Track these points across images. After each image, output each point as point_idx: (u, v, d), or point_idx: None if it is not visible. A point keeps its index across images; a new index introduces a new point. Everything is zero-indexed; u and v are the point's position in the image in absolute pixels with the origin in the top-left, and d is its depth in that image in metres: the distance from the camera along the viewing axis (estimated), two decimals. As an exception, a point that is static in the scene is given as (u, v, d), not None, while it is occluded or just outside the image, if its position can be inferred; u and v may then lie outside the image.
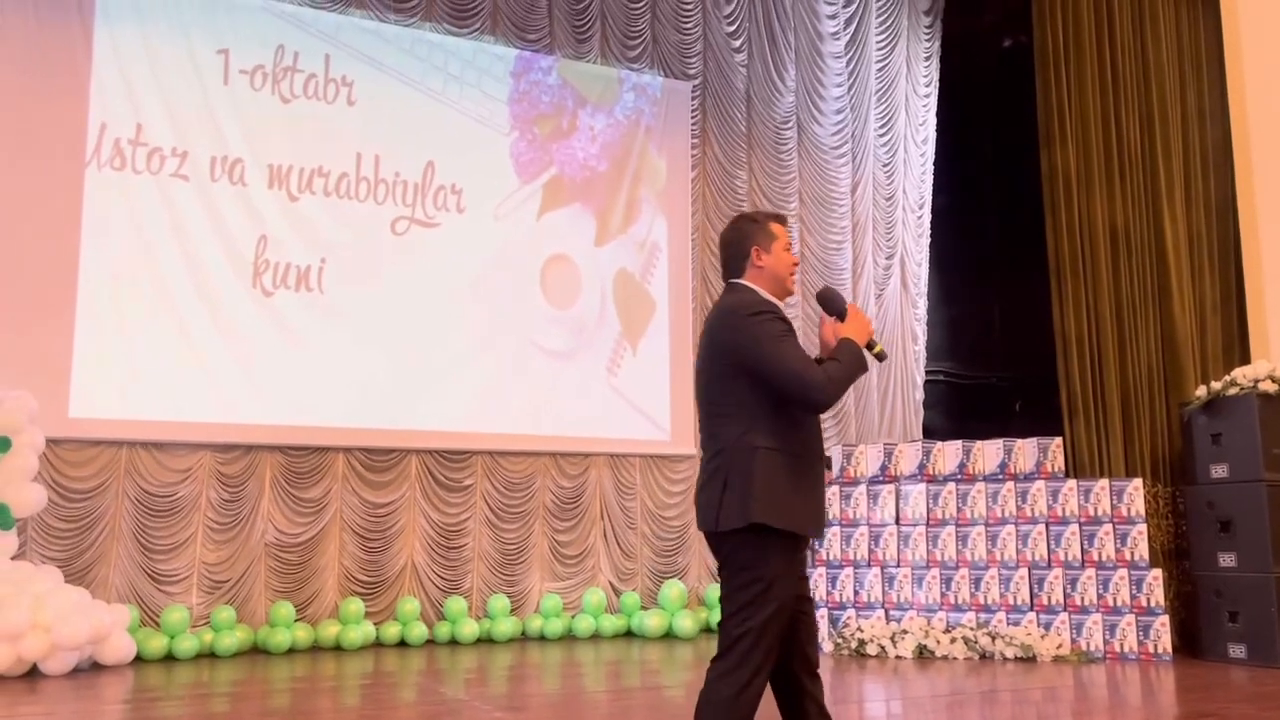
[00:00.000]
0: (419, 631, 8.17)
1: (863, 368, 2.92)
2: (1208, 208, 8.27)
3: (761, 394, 2.85)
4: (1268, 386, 6.69)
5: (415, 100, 9.07)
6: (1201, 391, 7.11)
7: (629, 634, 8.95)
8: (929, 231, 11.44)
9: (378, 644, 8.17)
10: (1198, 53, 8.48)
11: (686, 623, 8.74)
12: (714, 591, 9.41)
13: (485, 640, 8.46)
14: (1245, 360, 7.81)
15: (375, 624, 8.17)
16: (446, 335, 8.86)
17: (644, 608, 9.09)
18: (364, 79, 8.90)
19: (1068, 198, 8.04)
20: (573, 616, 8.85)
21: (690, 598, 9.29)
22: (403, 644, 8.22)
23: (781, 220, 3.10)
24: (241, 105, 8.46)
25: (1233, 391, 6.84)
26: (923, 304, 11.32)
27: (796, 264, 3.08)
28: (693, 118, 10.34)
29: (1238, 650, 6.57)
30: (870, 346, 3.05)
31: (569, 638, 8.73)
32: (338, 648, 7.93)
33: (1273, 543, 6.47)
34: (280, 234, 8.45)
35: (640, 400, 9.61)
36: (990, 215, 10.93)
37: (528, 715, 4.99)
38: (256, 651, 7.79)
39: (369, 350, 8.58)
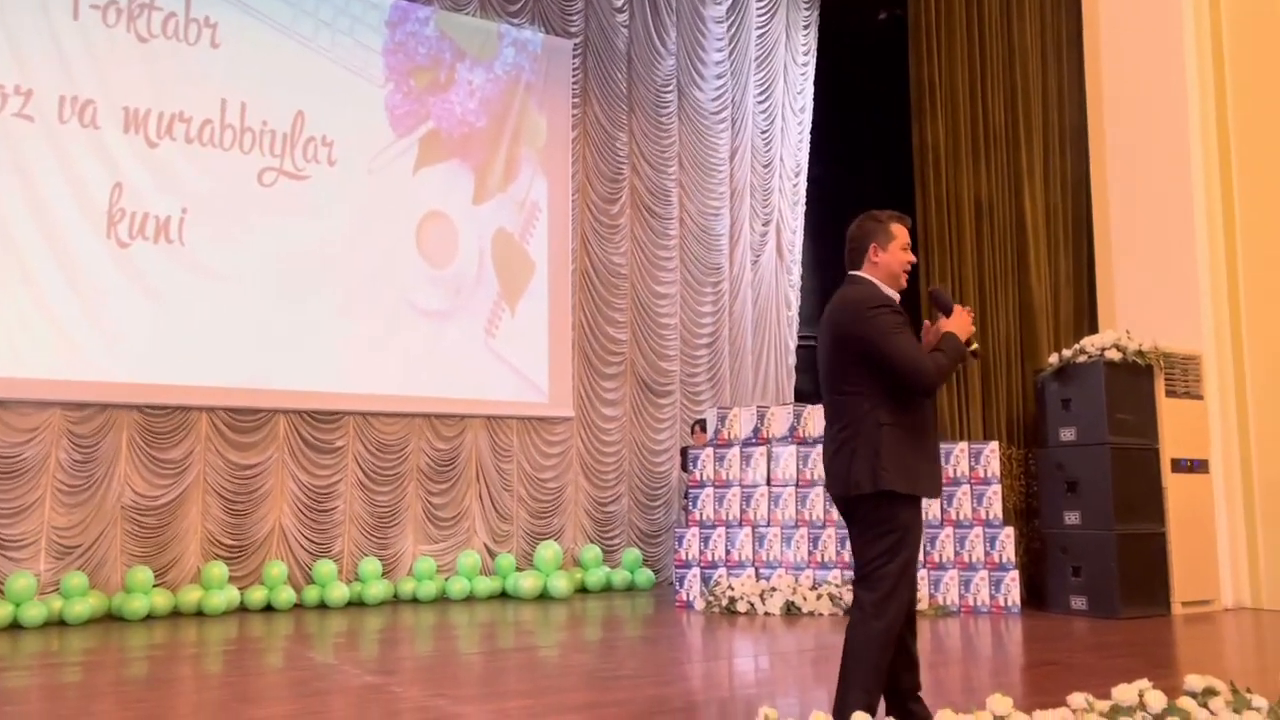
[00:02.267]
0: (286, 596, 7.98)
1: (961, 360, 3.32)
2: (1064, 185, 8.66)
3: (882, 377, 3.25)
4: (1114, 355, 7.09)
5: (284, 46, 8.69)
6: (1054, 359, 7.49)
7: (503, 595, 8.95)
8: (804, 199, 11.66)
9: (242, 609, 7.94)
10: (1060, 36, 8.83)
11: (561, 583, 8.78)
12: (589, 551, 9.47)
13: (356, 604, 8.31)
14: (1094, 330, 8.25)
15: (240, 589, 7.93)
16: (317, 292, 8.59)
17: (519, 569, 9.09)
18: (228, 21, 8.47)
19: (936, 171, 8.30)
20: (446, 579, 8.78)
21: (565, 559, 9.33)
22: (269, 609, 8.01)
23: (903, 221, 3.46)
24: (93, 43, 7.95)
25: (1082, 359, 7.23)
26: (797, 271, 11.56)
27: (912, 261, 3.43)
28: (574, 77, 10.23)
29: (1079, 602, 6.99)
30: (969, 343, 3.37)
31: (443, 600, 8.67)
32: (199, 614, 7.67)
33: (1114, 502, 6.89)
34: (137, 182, 8.01)
35: (519, 362, 9.54)
36: (864, 185, 11.16)
37: (400, 679, 4.94)
38: (111, 619, 7.47)
39: (234, 306, 8.24)
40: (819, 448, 7.76)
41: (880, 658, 3.09)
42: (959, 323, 3.38)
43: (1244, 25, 8.00)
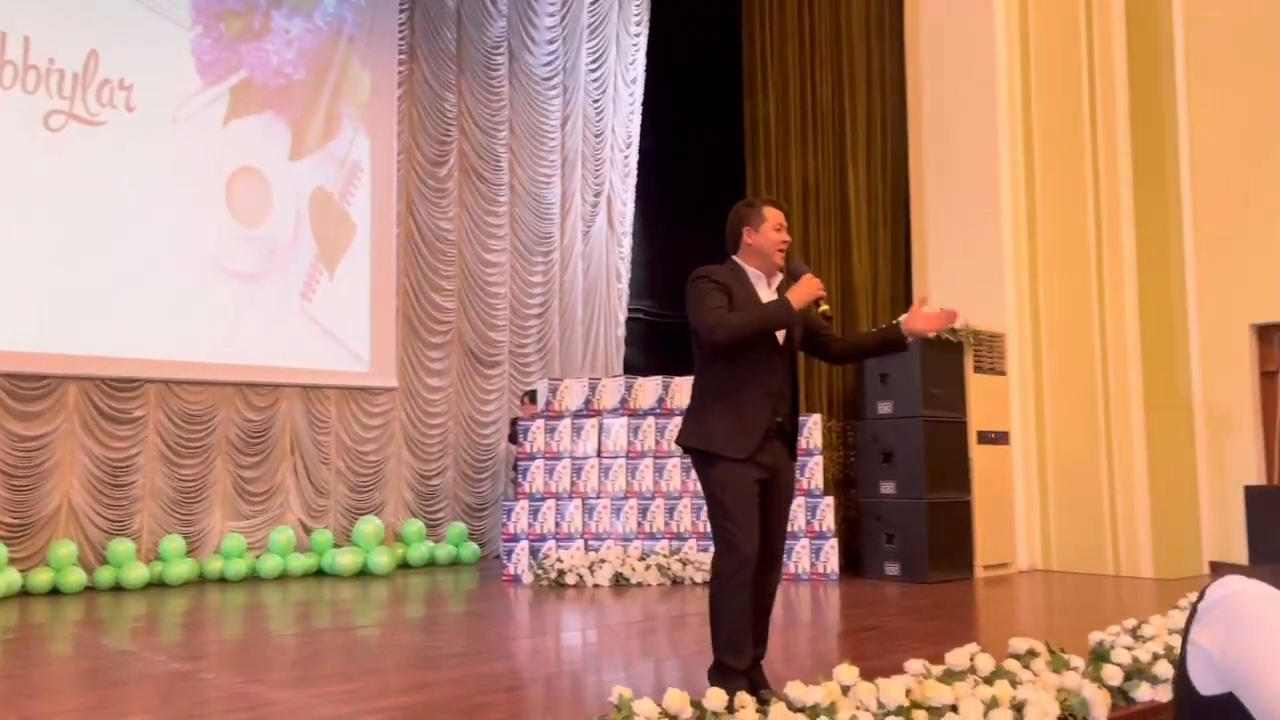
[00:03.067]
0: (76, 578, 7.34)
1: (775, 320, 3.42)
2: (885, 168, 8.97)
3: (698, 342, 3.50)
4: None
5: (76, -23, 7.90)
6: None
7: (320, 574, 8.56)
8: (635, 171, 11.64)
9: (24, 593, 7.25)
10: (883, 20, 9.10)
11: (382, 559, 8.48)
12: (411, 526, 9.19)
13: (156, 585, 7.74)
14: (909, 309, 8.60)
15: (21, 571, 7.23)
16: (113, 250, 7.89)
17: (337, 546, 8.71)
18: (10, -56, 7.62)
19: (767, 149, 8.43)
20: (257, 557, 8.31)
21: (386, 534, 9.01)
22: (55, 592, 7.35)
23: (777, 204, 3.63)
24: None
25: (900, 336, 7.51)
26: (627, 243, 11.54)
27: (786, 241, 3.56)
28: (400, 32, 9.79)
29: (893, 568, 7.31)
30: (818, 304, 3.48)
31: (253, 579, 8.21)
32: (-27, 600, 6.96)
33: (926, 472, 7.23)
34: (-103, 118, 7.12)
35: (338, 329, 9.10)
36: (696, 160, 11.26)
37: (208, 664, 4.60)
38: None
39: (17, 263, 7.46)
40: (649, 419, 7.78)
41: (725, 611, 3.32)
42: (799, 288, 3.42)
43: (1050, 19, 8.48)
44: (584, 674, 4.34)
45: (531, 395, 9.01)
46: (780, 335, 3.55)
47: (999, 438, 7.83)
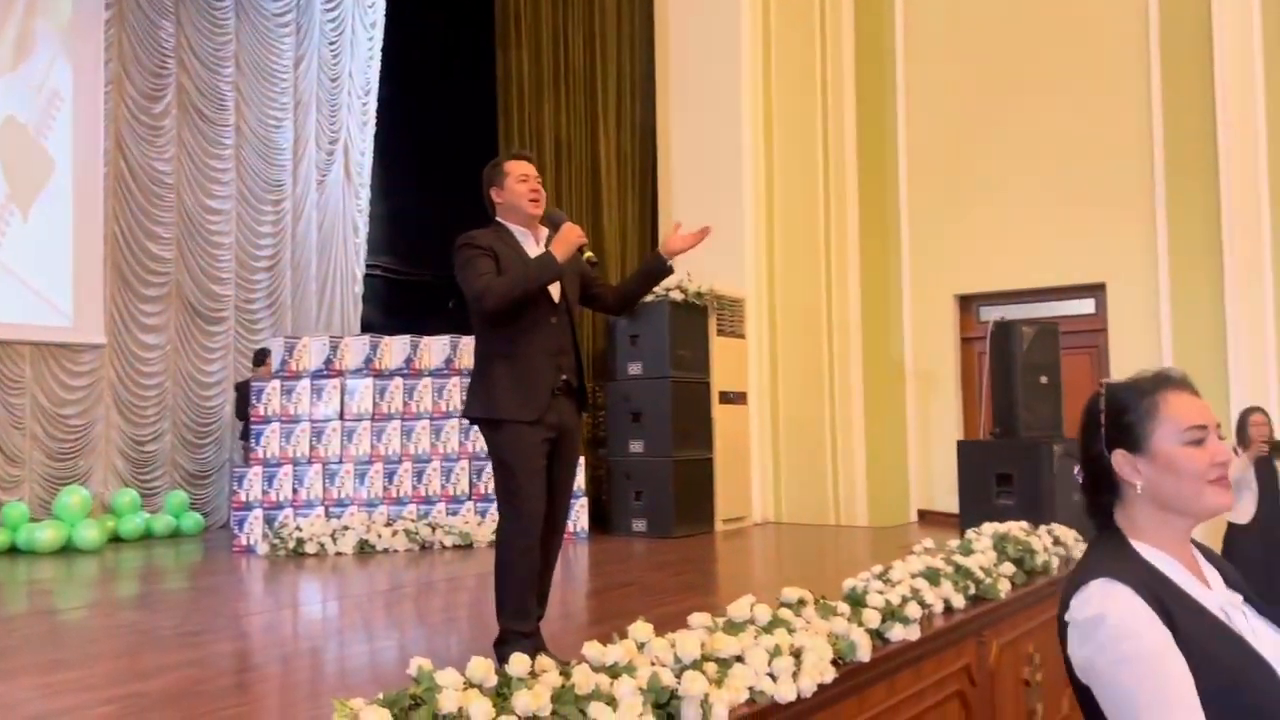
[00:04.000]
0: None
1: (543, 276, 3.32)
2: (634, 131, 9.08)
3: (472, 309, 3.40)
4: (677, 296, 7.61)
5: None
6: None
7: (14, 551, 7.60)
8: (375, 120, 11.11)
9: None
10: (634, -18, 9.15)
11: (90, 533, 7.65)
12: (123, 496, 8.35)
13: None
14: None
15: None
16: None
17: (34, 520, 7.77)
18: None
19: (520, 105, 8.28)
20: (-66, 536, 7.27)
21: (94, 505, 8.14)
22: None
23: (519, 155, 3.59)
24: None
25: (649, 299, 7.65)
26: (365, 195, 11.01)
27: (534, 190, 3.49)
28: (108, -54, 8.74)
29: (640, 525, 7.50)
30: (583, 252, 3.43)
31: (-72, 561, 7.17)
32: None
33: (673, 431, 7.45)
34: None
35: (33, 278, 8.06)
36: (441, 112, 10.89)
37: (-115, 663, 3.95)
38: None
39: None
40: (396, 380, 7.50)
41: (513, 577, 3.30)
42: (560, 239, 3.37)
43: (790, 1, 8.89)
44: (325, 648, 4.13)
45: (265, 354, 8.42)
46: (555, 292, 3.49)
47: (738, 398, 8.21)
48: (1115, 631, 1.42)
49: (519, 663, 2.22)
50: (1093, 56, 8.36)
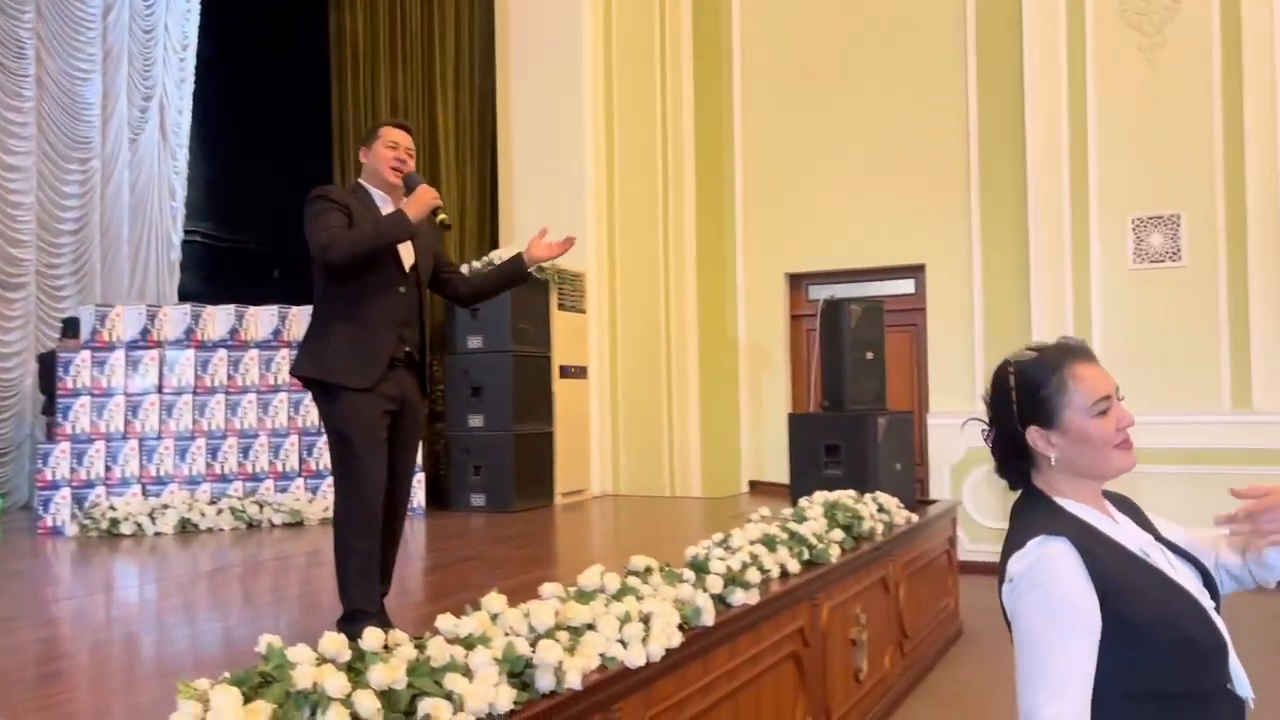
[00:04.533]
0: None
1: (392, 233, 3.23)
2: (473, 98, 8.91)
3: (316, 266, 3.30)
4: (517, 269, 7.54)
5: None
6: (464, 270, 7.74)
7: None
8: (193, 77, 10.49)
9: None
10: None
11: None
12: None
13: None
14: (495, 244, 8.71)
15: None
16: None
17: None
18: None
19: (355, 67, 8.00)
20: None
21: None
22: None
23: (399, 124, 3.60)
24: None
25: (489, 272, 7.58)
26: (183, 156, 10.40)
27: (399, 159, 3.46)
28: None
29: (479, 499, 7.44)
30: (436, 214, 3.35)
31: None
32: None
33: (513, 405, 7.41)
34: None
35: None
36: (266, 71, 10.38)
37: None
38: None
39: None
40: (221, 352, 7.15)
41: (355, 555, 3.19)
42: (414, 200, 3.31)
43: (632, -22, 8.93)
44: (140, 635, 3.93)
45: (73, 324, 7.85)
46: (407, 259, 3.42)
47: (578, 372, 8.24)
48: (1040, 575, 1.54)
49: (372, 636, 2.19)
50: (915, 52, 8.78)
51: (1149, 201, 7.90)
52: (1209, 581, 1.64)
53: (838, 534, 4.48)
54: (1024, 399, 1.67)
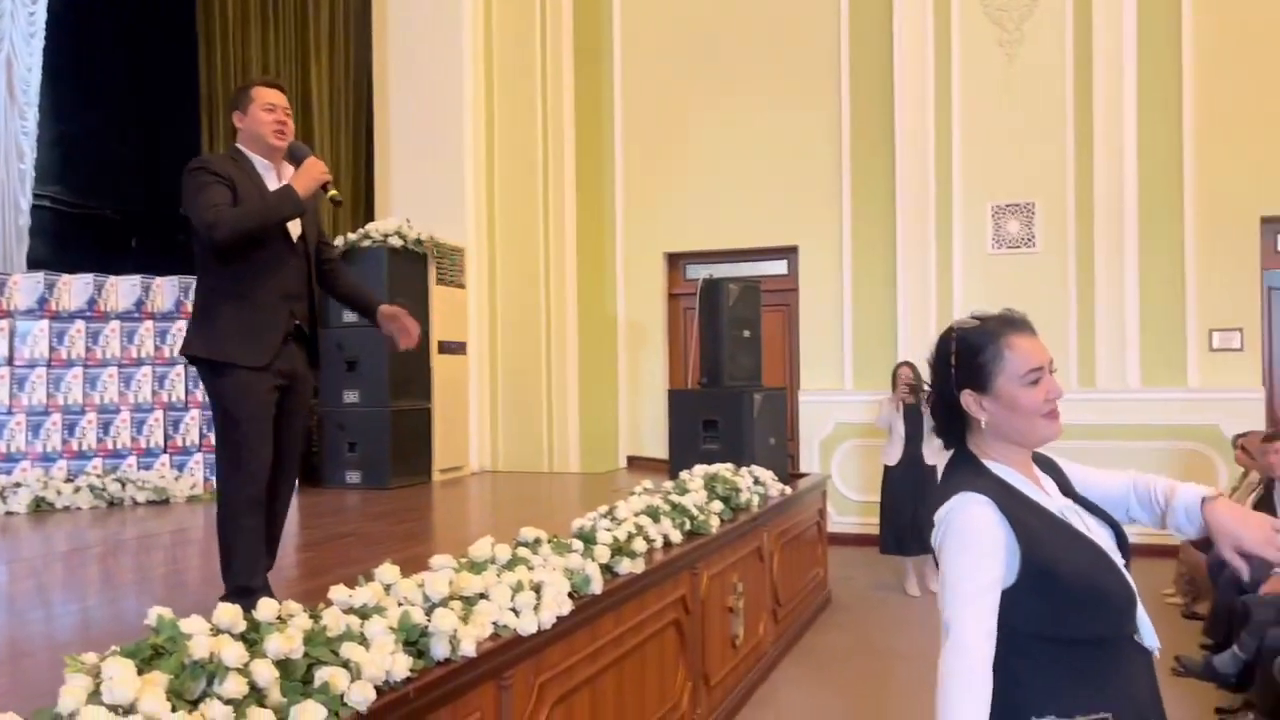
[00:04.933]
0: None
1: (281, 210, 3.15)
2: (348, 68, 8.70)
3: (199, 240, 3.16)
4: (395, 242, 7.43)
5: None
6: (339, 242, 7.59)
7: None
8: (44, 33, 9.85)
9: None
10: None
11: None
12: None
13: None
14: (370, 216, 8.54)
15: None
16: None
17: None
18: None
19: (223, 30, 7.70)
20: None
21: None
22: None
23: (271, 83, 3.41)
24: None
25: (366, 244, 7.44)
26: (32, 116, 9.76)
27: (280, 121, 3.29)
28: None
29: (354, 476, 7.32)
30: (326, 189, 3.27)
31: None
32: None
33: (390, 381, 7.31)
34: None
35: None
36: (125, 31, 9.84)
37: None
38: None
39: None
40: (79, 323, 6.81)
41: (240, 531, 3.13)
42: (303, 174, 3.24)
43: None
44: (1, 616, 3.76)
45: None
46: (294, 232, 3.34)
47: (457, 348, 8.18)
48: (960, 523, 1.68)
49: (267, 607, 2.17)
50: (791, 40, 8.99)
51: (1007, 190, 8.34)
52: (1123, 541, 1.79)
53: (717, 505, 4.62)
54: (962, 363, 1.76)
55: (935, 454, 6.57)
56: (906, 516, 6.63)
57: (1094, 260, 8.08)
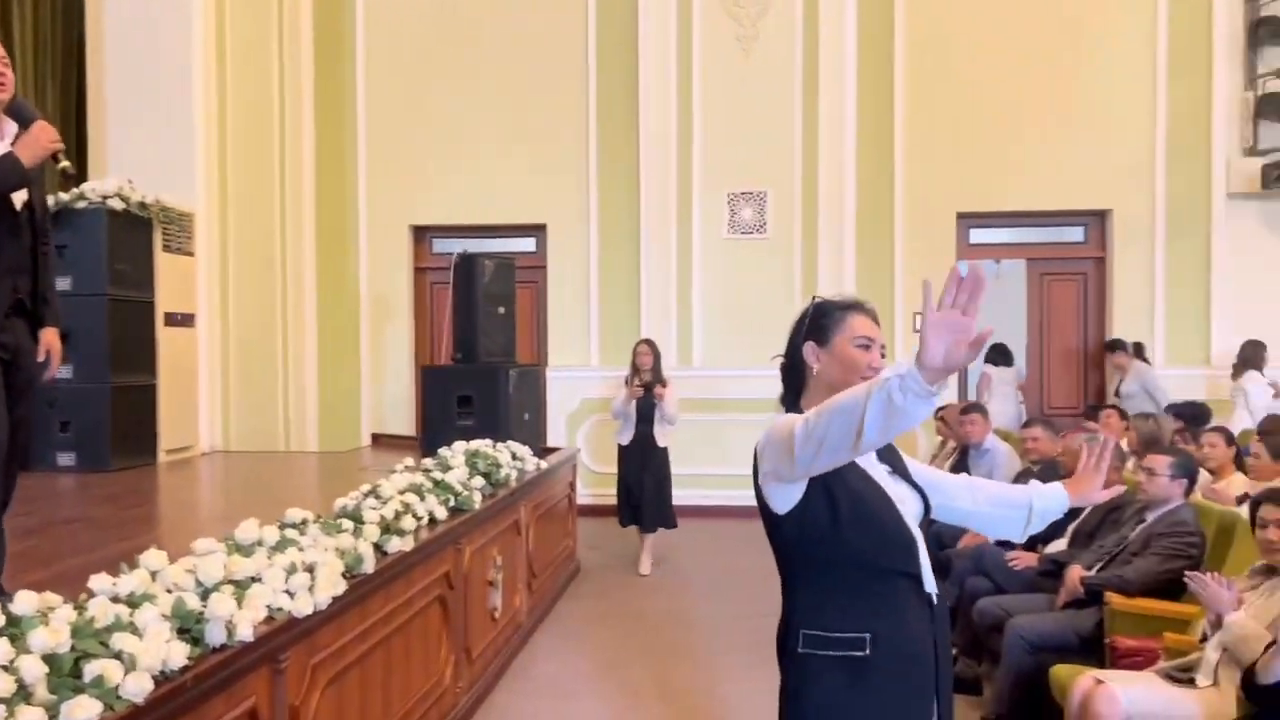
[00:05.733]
0: None
1: (6, 183, 2.88)
2: (54, 11, 7.87)
3: None
4: (116, 204, 6.83)
5: None
6: (51, 202, 6.86)
7: None
8: None
9: None
10: None
11: None
12: None
13: None
14: (85, 175, 7.78)
15: None
16: None
17: None
18: None
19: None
20: None
21: None
22: None
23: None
24: None
25: (82, 205, 6.78)
26: None
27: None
28: None
29: (67, 458, 6.69)
30: (57, 160, 3.05)
31: None
32: None
33: (110, 355, 6.73)
34: None
35: None
36: None
37: None
38: None
39: None
40: None
41: None
42: (31, 141, 2.98)
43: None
44: None
45: None
46: (19, 200, 3.05)
47: (185, 320, 7.65)
48: (777, 420, 1.97)
49: (26, 599, 2.02)
50: (540, 21, 9.06)
51: (742, 179, 8.86)
52: (927, 508, 2.08)
53: (479, 481, 4.65)
54: (812, 322, 2.07)
55: (665, 436, 6.91)
56: (639, 492, 6.84)
57: (818, 248, 8.76)
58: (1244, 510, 4.31)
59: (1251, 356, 7.81)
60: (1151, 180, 8.56)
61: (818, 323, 2.06)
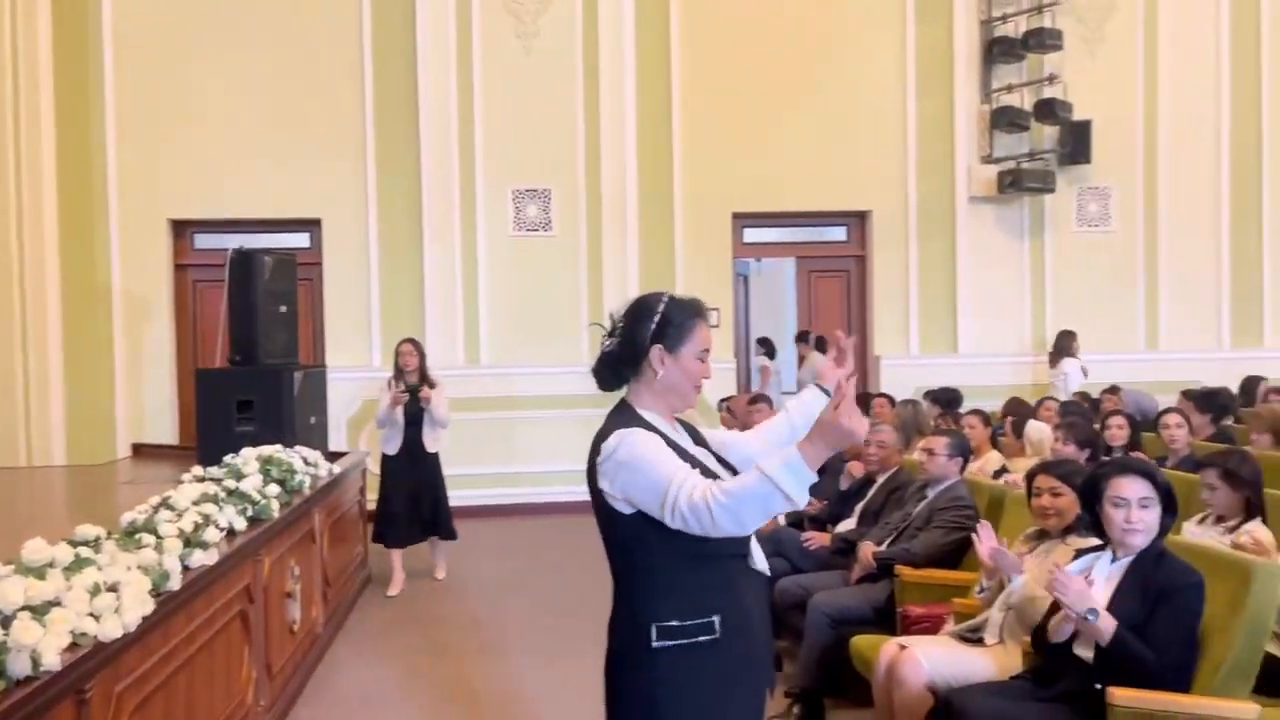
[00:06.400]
0: None
1: None
2: None
3: None
4: None
5: None
6: None
7: None
8: None
9: None
10: None
11: None
12: None
13: None
14: None
15: None
16: None
17: None
18: None
19: None
20: None
21: None
22: None
23: None
24: None
25: None
26: None
27: None
28: None
29: None
30: None
31: None
32: None
33: None
34: None
35: None
36: None
37: None
38: None
39: None
40: None
41: None
42: None
43: None
44: None
45: None
46: None
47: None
48: (625, 443, 1.98)
49: None
50: (315, 13, 8.61)
51: (526, 176, 8.84)
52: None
53: (274, 489, 4.41)
54: (664, 323, 2.07)
55: (435, 442, 6.35)
56: (400, 506, 6.32)
57: (602, 245, 8.88)
58: (1004, 481, 4.79)
59: (1065, 345, 8.77)
60: (904, 184, 9.27)
61: (670, 325, 2.08)
